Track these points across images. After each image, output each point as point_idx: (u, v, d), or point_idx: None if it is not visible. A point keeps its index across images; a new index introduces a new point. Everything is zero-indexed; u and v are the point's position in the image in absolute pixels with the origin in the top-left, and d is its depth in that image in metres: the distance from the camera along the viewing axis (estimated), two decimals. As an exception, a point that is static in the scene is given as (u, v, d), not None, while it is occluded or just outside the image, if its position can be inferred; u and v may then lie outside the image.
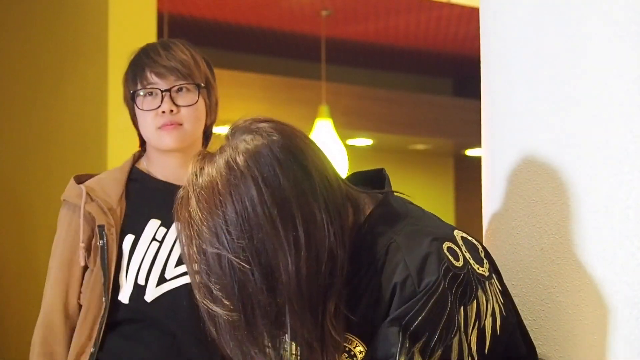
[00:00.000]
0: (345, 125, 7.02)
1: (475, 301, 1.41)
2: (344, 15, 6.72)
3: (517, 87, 1.68)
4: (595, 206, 1.54)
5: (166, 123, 2.09)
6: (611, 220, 1.52)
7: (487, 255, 1.47)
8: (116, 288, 2.08)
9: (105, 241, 2.08)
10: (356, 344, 1.46)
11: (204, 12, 6.94)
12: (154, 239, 2.10)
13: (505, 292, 1.48)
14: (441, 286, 1.38)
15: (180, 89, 2.09)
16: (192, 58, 2.14)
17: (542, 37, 1.63)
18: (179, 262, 2.06)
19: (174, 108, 2.08)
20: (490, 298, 1.43)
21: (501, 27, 1.73)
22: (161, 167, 2.18)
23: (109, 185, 2.15)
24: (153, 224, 2.11)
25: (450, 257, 1.40)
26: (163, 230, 2.10)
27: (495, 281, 1.45)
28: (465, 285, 1.41)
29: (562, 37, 1.60)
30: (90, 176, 2.19)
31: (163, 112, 2.08)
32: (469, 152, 8.89)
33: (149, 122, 2.11)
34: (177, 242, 1.97)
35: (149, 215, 2.12)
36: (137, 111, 2.14)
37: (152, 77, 2.10)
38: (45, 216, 5.08)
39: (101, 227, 2.09)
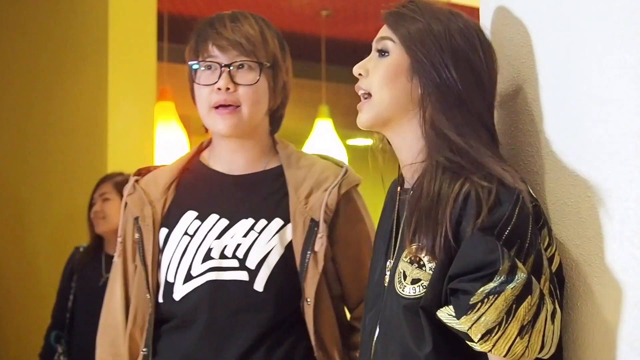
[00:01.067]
0: (345, 125, 7.02)
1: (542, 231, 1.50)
2: (344, 15, 6.72)
3: (517, 86, 1.68)
4: (595, 206, 1.54)
5: (220, 101, 1.91)
6: (611, 220, 1.51)
7: None
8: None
9: (140, 234, 1.97)
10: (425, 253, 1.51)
11: (204, 12, 6.94)
12: (185, 232, 1.95)
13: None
14: (520, 200, 1.45)
15: (241, 66, 1.91)
16: (261, 34, 1.94)
17: (542, 37, 1.63)
18: (206, 258, 1.92)
19: (231, 86, 1.90)
20: (553, 243, 1.51)
21: (501, 27, 1.73)
22: (216, 152, 2.03)
23: (162, 174, 2.03)
24: (188, 217, 1.97)
25: (528, 188, 1.50)
26: (197, 223, 1.95)
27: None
28: (536, 215, 1.48)
29: (562, 37, 1.60)
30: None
31: (219, 89, 1.91)
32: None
33: (203, 97, 1.93)
34: (208, 236, 1.93)
35: (188, 206, 1.98)
36: (195, 86, 1.96)
37: (214, 50, 1.92)
38: (45, 216, 5.09)
39: (136, 219, 1.98)
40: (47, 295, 4.97)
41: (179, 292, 1.93)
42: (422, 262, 1.51)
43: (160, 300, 1.94)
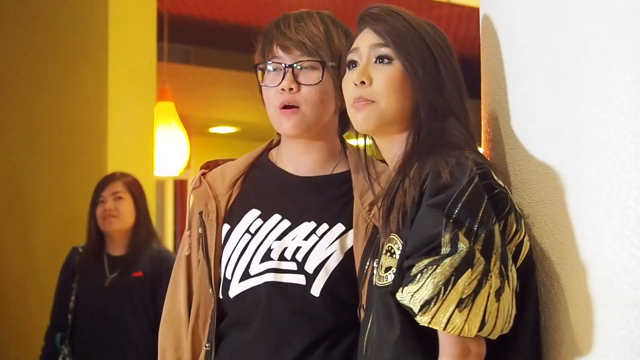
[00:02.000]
0: (346, 124, 7.02)
1: (503, 222, 1.51)
2: (344, 15, 6.71)
3: (517, 87, 1.68)
4: (595, 206, 1.54)
5: (284, 102, 1.89)
6: (611, 221, 1.51)
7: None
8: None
9: (204, 229, 1.96)
10: (396, 241, 1.54)
11: (204, 12, 6.95)
12: (247, 230, 1.94)
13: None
14: (476, 180, 1.48)
15: (307, 66, 1.90)
16: (326, 32, 1.92)
17: (542, 37, 1.63)
18: (265, 258, 1.90)
19: (294, 86, 1.89)
20: (522, 229, 1.53)
21: (501, 27, 1.73)
22: (283, 152, 2.01)
23: (229, 169, 2.01)
24: (251, 215, 1.95)
25: (492, 174, 1.53)
26: (259, 222, 1.94)
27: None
28: (497, 203, 1.50)
29: (562, 37, 1.60)
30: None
31: (282, 89, 1.89)
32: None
33: (270, 99, 1.91)
34: (269, 236, 1.90)
35: (252, 204, 1.96)
36: (263, 88, 1.95)
37: (278, 51, 1.91)
38: (46, 216, 5.09)
39: (200, 213, 1.97)
40: (47, 295, 4.96)
41: (234, 290, 1.92)
42: (392, 250, 1.54)
43: (220, 296, 1.95)
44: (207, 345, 1.93)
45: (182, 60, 8.09)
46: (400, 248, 1.53)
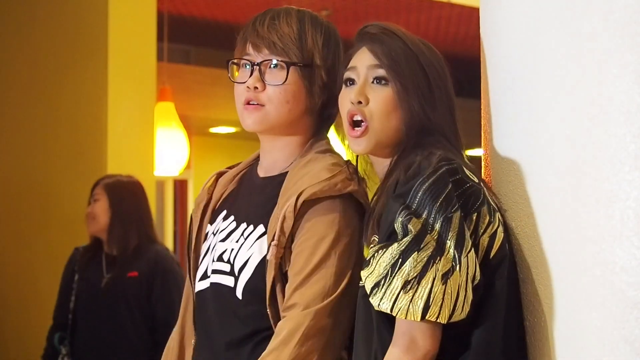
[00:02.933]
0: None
1: (476, 214, 1.55)
2: (344, 15, 6.72)
3: (518, 87, 1.68)
4: (595, 206, 1.54)
5: (248, 99, 1.89)
6: (611, 221, 1.51)
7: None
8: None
9: (191, 225, 2.01)
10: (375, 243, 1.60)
11: (204, 12, 6.95)
12: (213, 232, 1.96)
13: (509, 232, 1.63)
14: (441, 171, 1.55)
15: (275, 65, 1.89)
16: (299, 32, 1.90)
17: (542, 37, 1.63)
18: (212, 259, 1.92)
19: (259, 85, 1.88)
20: (495, 221, 1.58)
21: (501, 27, 1.73)
22: (260, 152, 2.02)
23: (231, 171, 2.05)
24: (221, 216, 1.97)
25: (463, 169, 1.59)
26: (223, 224, 1.96)
27: (504, 219, 1.60)
28: (469, 196, 1.56)
29: (562, 37, 1.60)
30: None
31: (248, 87, 1.89)
32: (469, 152, 8.88)
33: (238, 95, 1.92)
34: (217, 238, 1.91)
35: (225, 206, 1.98)
36: (234, 85, 1.95)
37: (249, 49, 1.91)
38: (46, 216, 5.08)
39: (193, 210, 2.03)
40: (46, 296, 4.97)
41: (196, 290, 1.96)
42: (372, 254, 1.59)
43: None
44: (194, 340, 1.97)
45: (182, 60, 8.10)
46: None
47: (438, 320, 1.50)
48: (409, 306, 1.49)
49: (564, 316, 1.57)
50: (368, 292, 1.53)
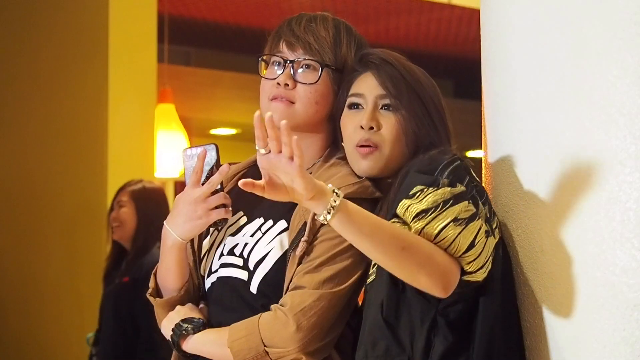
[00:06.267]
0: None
1: (487, 207, 1.60)
2: (344, 16, 6.71)
3: (518, 88, 1.68)
4: (595, 208, 1.54)
5: (276, 95, 1.89)
6: (612, 222, 1.51)
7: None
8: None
9: None
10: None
11: (204, 12, 6.95)
12: (214, 225, 1.94)
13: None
14: (457, 162, 1.61)
15: (307, 66, 1.89)
16: (334, 37, 1.92)
17: (543, 39, 1.63)
18: (220, 254, 1.92)
19: (290, 82, 1.88)
20: (492, 220, 1.60)
21: (502, 29, 1.73)
22: None
23: (235, 167, 2.04)
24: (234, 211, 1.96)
25: (470, 170, 1.64)
26: (231, 219, 1.94)
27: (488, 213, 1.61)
28: (478, 192, 1.60)
29: (562, 39, 1.60)
30: None
31: (278, 84, 1.89)
32: (470, 154, 8.89)
33: (265, 91, 1.92)
34: (226, 232, 1.92)
35: (234, 202, 1.95)
36: (261, 80, 1.94)
37: (283, 47, 1.92)
38: (46, 217, 5.09)
39: None
40: (46, 296, 4.97)
41: (206, 285, 1.95)
42: None
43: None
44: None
45: (182, 62, 8.09)
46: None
47: (471, 264, 1.52)
48: (455, 239, 1.51)
49: (564, 318, 1.57)
50: (408, 219, 1.54)
